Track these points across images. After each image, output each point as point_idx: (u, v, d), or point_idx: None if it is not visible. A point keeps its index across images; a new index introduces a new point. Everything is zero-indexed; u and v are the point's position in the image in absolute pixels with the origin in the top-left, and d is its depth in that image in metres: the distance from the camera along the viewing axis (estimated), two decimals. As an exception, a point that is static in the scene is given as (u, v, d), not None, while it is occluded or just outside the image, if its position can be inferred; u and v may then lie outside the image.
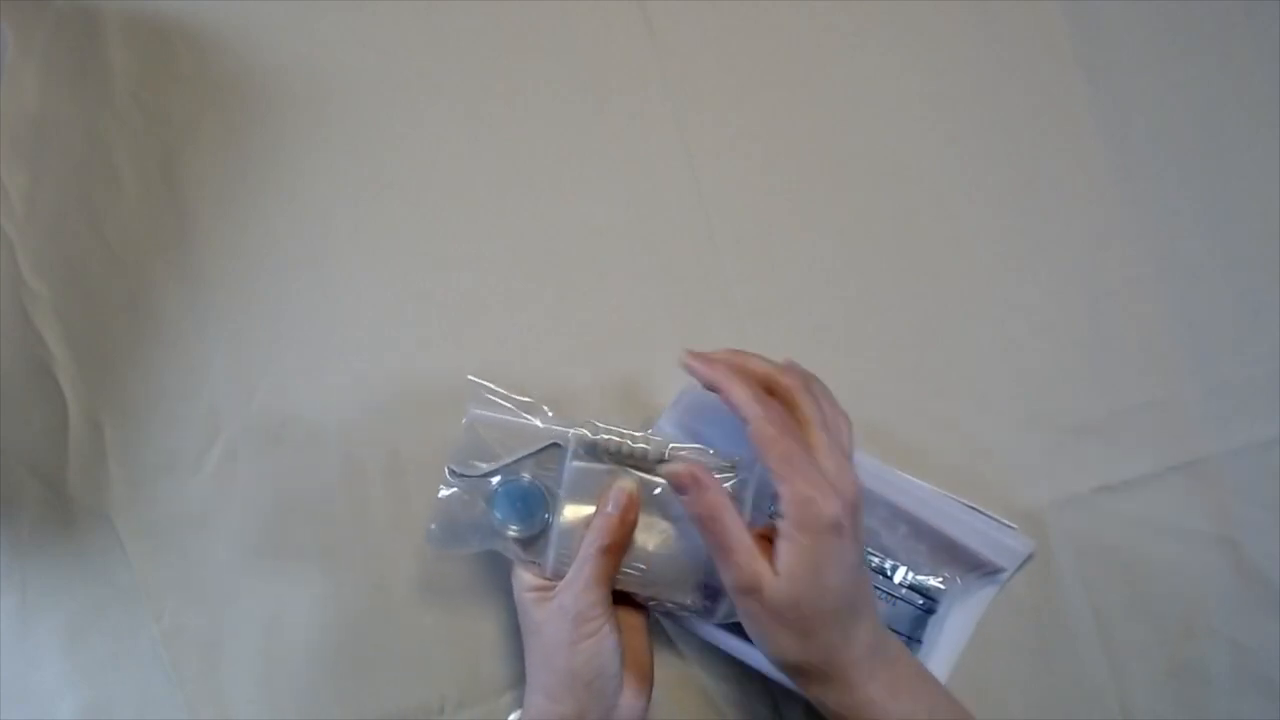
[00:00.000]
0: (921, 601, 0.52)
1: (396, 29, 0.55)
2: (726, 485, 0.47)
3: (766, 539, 0.44)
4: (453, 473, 0.49)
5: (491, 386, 0.49)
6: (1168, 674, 0.56)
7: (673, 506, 0.48)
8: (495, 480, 0.48)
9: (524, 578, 0.48)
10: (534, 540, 0.48)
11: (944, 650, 0.53)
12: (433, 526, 0.49)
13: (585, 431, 0.48)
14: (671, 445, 0.48)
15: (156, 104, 0.54)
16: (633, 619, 0.49)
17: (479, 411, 0.49)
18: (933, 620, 0.53)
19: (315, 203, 0.55)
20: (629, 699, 0.47)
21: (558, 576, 0.48)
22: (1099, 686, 0.56)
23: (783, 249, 0.57)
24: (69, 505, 0.53)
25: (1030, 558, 0.54)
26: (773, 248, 0.57)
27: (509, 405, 0.49)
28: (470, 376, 0.49)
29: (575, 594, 0.46)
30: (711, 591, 0.48)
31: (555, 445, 0.48)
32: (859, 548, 0.44)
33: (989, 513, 0.54)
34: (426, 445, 0.54)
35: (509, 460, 0.48)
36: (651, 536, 0.48)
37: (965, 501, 0.54)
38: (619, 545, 0.47)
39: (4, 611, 0.53)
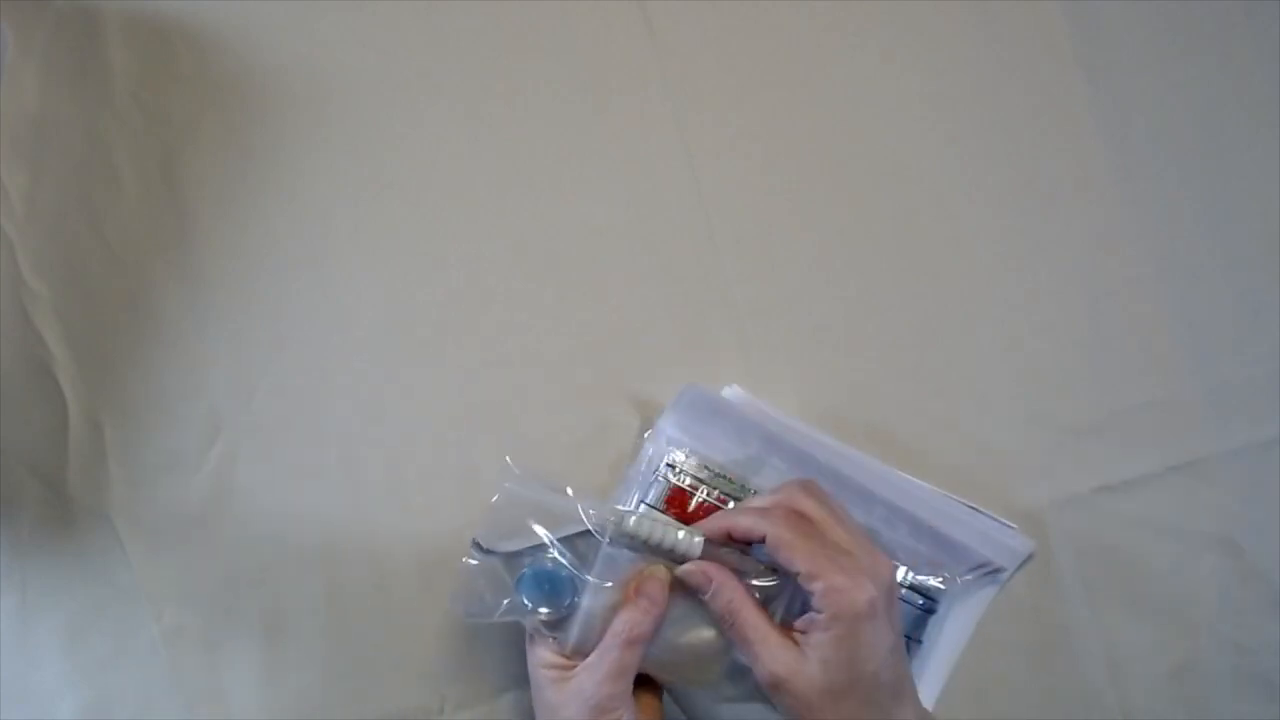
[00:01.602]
0: (921, 601, 0.52)
1: (396, 29, 0.55)
2: (764, 582, 0.46)
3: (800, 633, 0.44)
4: (479, 547, 0.48)
5: (529, 468, 0.49)
6: (1168, 674, 0.56)
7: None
8: (524, 560, 0.48)
9: (541, 653, 0.47)
10: (558, 621, 0.47)
11: (944, 650, 0.53)
12: (456, 594, 0.48)
13: (619, 520, 0.47)
14: (707, 541, 0.47)
15: (156, 104, 0.54)
16: (649, 702, 0.49)
17: (511, 486, 0.48)
18: (933, 620, 0.53)
19: (315, 203, 0.55)
20: None
21: (578, 656, 0.47)
22: (1099, 686, 0.56)
23: (783, 249, 0.57)
24: (69, 505, 0.53)
25: (1030, 558, 0.54)
26: (773, 248, 0.57)
27: (543, 486, 0.48)
28: (508, 458, 0.49)
29: (597, 682, 0.45)
30: (736, 679, 0.47)
31: (587, 531, 0.47)
32: (896, 629, 0.44)
33: (989, 513, 0.54)
34: (427, 445, 0.54)
35: (538, 541, 0.47)
36: (680, 627, 0.47)
37: (965, 501, 0.54)
38: (646, 637, 0.46)
39: (4, 611, 0.52)
